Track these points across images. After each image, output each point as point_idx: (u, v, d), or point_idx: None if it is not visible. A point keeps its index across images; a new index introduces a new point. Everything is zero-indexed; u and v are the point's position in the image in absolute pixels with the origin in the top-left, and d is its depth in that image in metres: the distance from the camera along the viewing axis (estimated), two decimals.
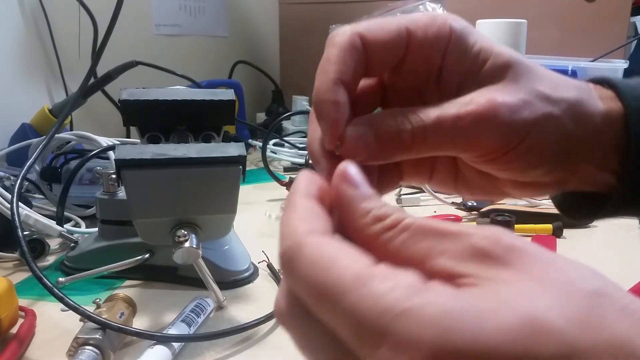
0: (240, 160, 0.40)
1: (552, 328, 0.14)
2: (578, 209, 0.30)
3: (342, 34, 0.25)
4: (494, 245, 0.16)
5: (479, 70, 0.24)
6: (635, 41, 1.22)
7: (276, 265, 0.54)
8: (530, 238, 0.61)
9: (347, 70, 0.24)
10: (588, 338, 0.14)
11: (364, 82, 0.26)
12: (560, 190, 0.28)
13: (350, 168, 0.20)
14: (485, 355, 0.14)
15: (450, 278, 0.16)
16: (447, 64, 0.24)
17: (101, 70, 0.76)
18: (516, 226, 0.61)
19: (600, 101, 0.26)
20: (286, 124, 1.17)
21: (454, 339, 0.14)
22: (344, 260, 0.16)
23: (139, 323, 0.44)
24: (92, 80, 0.75)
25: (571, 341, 0.14)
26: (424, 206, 0.75)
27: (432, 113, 0.23)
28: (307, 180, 0.20)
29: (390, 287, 0.15)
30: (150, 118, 0.44)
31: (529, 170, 0.25)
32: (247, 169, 0.41)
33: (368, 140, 0.23)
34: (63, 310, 0.43)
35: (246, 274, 0.52)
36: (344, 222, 0.19)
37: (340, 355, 0.17)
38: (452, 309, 0.14)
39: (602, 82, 0.28)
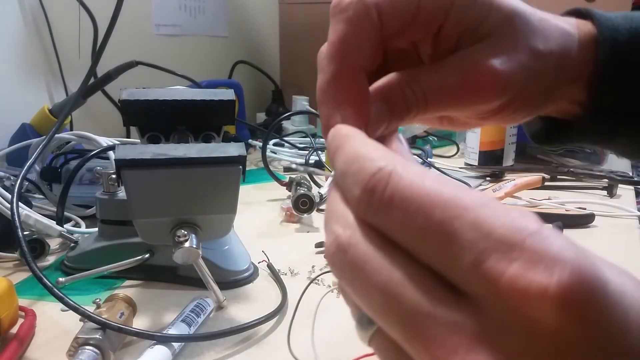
0: (240, 160, 0.40)
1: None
2: (545, 134, 0.32)
3: (354, 4, 0.23)
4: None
5: (479, 25, 0.25)
6: None
7: (276, 266, 0.54)
8: None
9: (368, 53, 0.23)
10: None
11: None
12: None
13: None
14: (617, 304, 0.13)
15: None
16: (450, 20, 0.24)
17: (101, 70, 0.76)
18: None
19: (580, 39, 0.27)
20: (286, 124, 1.17)
21: (596, 268, 0.13)
22: (457, 187, 0.15)
23: (139, 323, 0.44)
24: (92, 80, 0.75)
25: None
26: None
27: (433, 81, 0.24)
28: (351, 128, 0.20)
29: (520, 214, 0.14)
30: (150, 118, 0.44)
31: (510, 117, 0.27)
32: (247, 169, 0.41)
33: (384, 115, 0.23)
34: (63, 310, 0.43)
35: (246, 274, 0.52)
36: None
37: (434, 299, 0.15)
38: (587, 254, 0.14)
39: (584, 14, 0.29)
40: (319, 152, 0.93)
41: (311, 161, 0.88)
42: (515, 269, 0.13)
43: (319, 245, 0.59)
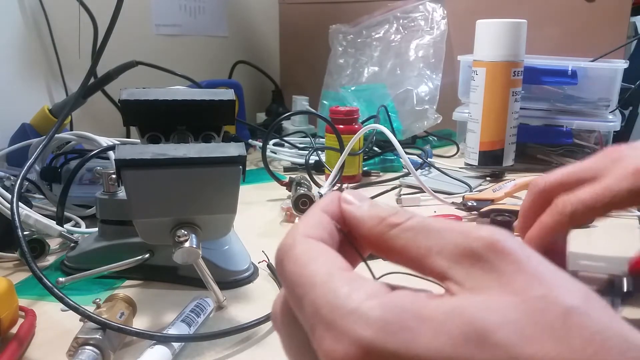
0: (240, 160, 0.40)
1: (497, 342, 0.14)
2: None
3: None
4: (487, 250, 0.17)
5: None
6: (635, 41, 1.22)
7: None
8: None
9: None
10: (538, 352, 0.14)
11: None
12: None
13: (350, 192, 0.22)
14: (415, 358, 0.15)
15: (443, 279, 0.17)
16: None
17: (101, 70, 0.76)
18: None
19: None
20: (286, 124, 1.17)
21: (387, 340, 0.15)
22: (323, 259, 0.18)
23: (139, 323, 0.44)
24: (92, 80, 0.75)
25: (514, 353, 0.14)
26: (424, 206, 0.75)
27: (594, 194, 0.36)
28: (330, 199, 0.22)
29: (351, 289, 0.17)
30: (150, 118, 0.44)
31: None
32: (247, 169, 0.41)
33: None
34: (63, 310, 0.43)
35: (246, 274, 0.52)
36: (355, 236, 0.21)
37: (304, 341, 0.19)
38: (398, 316, 0.16)
39: None
40: (319, 152, 0.93)
41: (311, 161, 0.88)
42: (326, 341, 0.16)
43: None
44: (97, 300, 0.41)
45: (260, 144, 0.84)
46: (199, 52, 1.28)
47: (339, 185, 0.81)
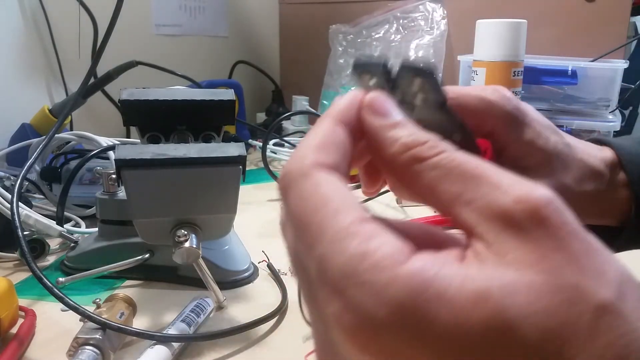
0: (240, 160, 0.40)
1: (519, 339, 0.13)
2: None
3: None
4: (526, 216, 0.15)
5: (520, 159, 0.28)
6: (635, 41, 1.22)
7: (276, 266, 0.54)
8: None
9: None
10: (560, 349, 0.13)
11: None
12: None
13: (377, 97, 0.19)
14: (432, 345, 0.14)
15: (470, 233, 0.16)
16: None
17: (101, 70, 0.76)
18: None
19: (606, 171, 0.30)
20: (286, 124, 1.17)
21: (401, 323, 0.14)
22: (335, 206, 0.16)
23: (139, 323, 0.44)
24: (92, 80, 0.75)
25: (535, 350, 0.13)
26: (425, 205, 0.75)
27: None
28: (349, 103, 0.19)
29: (365, 251, 0.15)
30: (150, 118, 0.44)
31: None
32: (247, 169, 0.41)
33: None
34: (63, 310, 0.43)
35: (246, 274, 0.52)
36: (376, 156, 0.18)
37: (312, 301, 0.17)
38: (417, 293, 0.14)
39: (604, 143, 0.32)
40: None
41: None
42: (334, 306, 0.15)
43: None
44: (97, 300, 0.41)
45: (260, 144, 0.84)
46: (199, 52, 1.28)
47: None
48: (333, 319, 0.15)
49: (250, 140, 1.06)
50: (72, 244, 0.56)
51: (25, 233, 0.44)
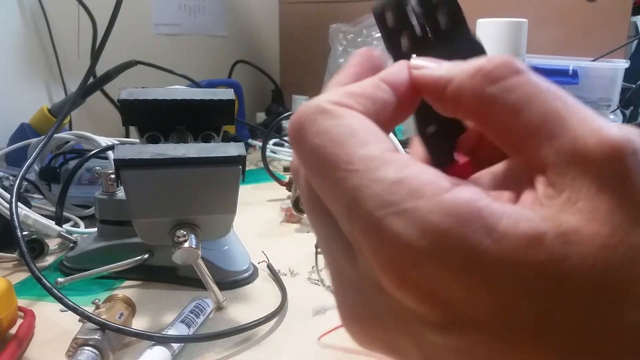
0: (240, 160, 0.40)
1: (574, 287, 0.12)
2: None
3: None
4: (610, 163, 0.13)
5: None
6: (636, 41, 1.22)
7: (276, 266, 0.54)
8: None
9: None
10: (607, 308, 0.12)
11: None
12: None
13: (416, 59, 0.17)
14: (476, 282, 0.13)
15: (539, 172, 0.14)
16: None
17: (100, 69, 0.75)
18: None
19: None
20: (286, 124, 1.16)
21: (447, 254, 0.13)
22: (363, 137, 0.14)
23: (138, 323, 0.43)
24: (91, 79, 0.75)
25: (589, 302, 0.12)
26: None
27: None
28: (397, 69, 0.17)
29: (404, 177, 0.13)
30: (150, 118, 0.44)
31: None
32: (247, 169, 0.41)
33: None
34: (62, 311, 0.43)
35: (246, 275, 0.52)
36: (440, 104, 0.16)
37: (337, 243, 0.16)
38: (463, 224, 0.13)
39: None
40: None
41: None
42: (370, 238, 0.14)
43: (319, 245, 0.59)
44: (97, 300, 0.41)
45: (260, 143, 0.84)
46: (199, 51, 1.28)
47: None
48: (370, 254, 0.14)
49: (250, 140, 1.06)
50: (71, 244, 0.56)
51: (24, 233, 0.44)
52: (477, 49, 0.20)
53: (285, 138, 1.05)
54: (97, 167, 0.63)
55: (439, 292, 0.13)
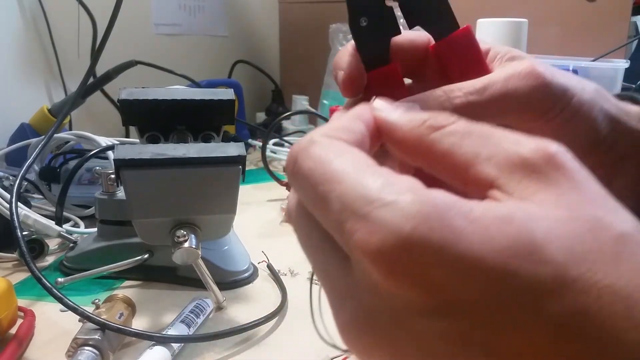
0: (240, 160, 0.40)
1: (545, 258, 0.14)
2: None
3: None
4: (544, 161, 0.16)
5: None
6: (636, 41, 1.22)
7: (276, 266, 0.54)
8: None
9: None
10: (586, 273, 0.14)
11: None
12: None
13: (377, 101, 0.20)
14: (457, 259, 0.14)
15: (489, 187, 0.16)
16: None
17: (100, 69, 0.75)
18: None
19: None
20: (286, 124, 1.17)
21: (430, 235, 0.14)
22: (349, 156, 0.17)
23: (138, 323, 0.43)
24: (91, 80, 0.75)
25: (561, 271, 0.14)
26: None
27: (478, 83, 0.24)
28: (362, 108, 0.20)
29: (384, 183, 0.15)
30: (150, 118, 0.44)
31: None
32: (246, 169, 0.41)
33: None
34: (62, 311, 0.43)
35: (246, 275, 0.52)
36: (391, 146, 0.19)
37: (332, 259, 0.18)
38: (441, 211, 0.14)
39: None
40: None
41: None
42: (359, 233, 0.15)
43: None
44: (96, 300, 0.41)
45: (260, 143, 0.84)
46: (199, 51, 1.28)
47: None
48: (359, 249, 0.15)
49: (250, 140, 1.06)
50: (71, 244, 0.56)
51: (24, 233, 0.44)
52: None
53: (286, 138, 1.05)
54: (97, 167, 0.63)
55: (425, 276, 0.14)
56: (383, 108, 0.19)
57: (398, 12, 0.24)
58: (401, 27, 0.24)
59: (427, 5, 0.24)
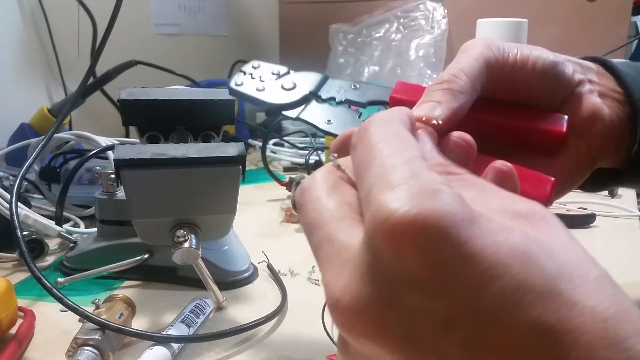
0: (240, 160, 0.40)
1: (539, 263, 0.15)
2: (593, 183, 0.35)
3: None
4: (530, 212, 0.17)
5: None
6: (636, 41, 1.22)
7: (276, 266, 0.54)
8: None
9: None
10: (573, 289, 0.15)
11: None
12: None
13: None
14: (466, 250, 0.15)
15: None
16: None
17: (100, 69, 0.75)
18: None
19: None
20: (286, 124, 1.17)
21: (452, 221, 0.15)
22: (411, 140, 0.19)
23: (138, 324, 0.43)
24: (91, 79, 0.75)
25: (551, 280, 0.15)
26: None
27: None
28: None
29: (430, 171, 0.17)
30: (150, 118, 0.44)
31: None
32: (247, 169, 0.41)
33: None
34: (62, 311, 0.43)
35: (246, 275, 0.52)
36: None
37: (343, 222, 0.18)
38: (470, 211, 0.16)
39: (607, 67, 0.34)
40: (319, 152, 0.93)
41: (311, 161, 0.88)
42: (381, 199, 0.16)
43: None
44: (96, 300, 0.41)
45: (260, 143, 0.84)
46: (199, 51, 1.28)
47: None
48: (383, 203, 0.16)
49: (250, 140, 1.06)
50: (71, 244, 0.56)
51: (24, 233, 0.44)
52: None
53: (285, 138, 1.05)
54: (97, 167, 0.63)
55: (432, 253, 0.15)
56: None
57: None
58: None
59: None
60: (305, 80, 0.35)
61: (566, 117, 0.30)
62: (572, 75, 0.31)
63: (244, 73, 0.36)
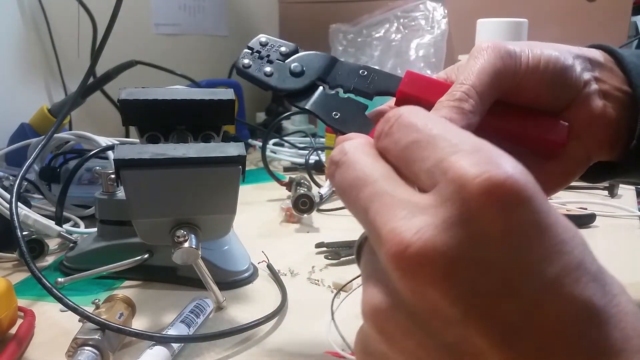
0: (240, 160, 0.40)
1: (593, 254, 0.18)
2: (591, 175, 0.36)
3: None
4: None
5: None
6: (636, 41, 1.22)
7: (276, 266, 0.54)
8: None
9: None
10: (599, 273, 0.17)
11: None
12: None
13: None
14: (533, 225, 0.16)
15: None
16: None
17: (100, 69, 0.75)
18: None
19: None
20: (286, 124, 1.17)
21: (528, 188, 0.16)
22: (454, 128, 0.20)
23: (138, 324, 0.43)
24: (91, 79, 0.75)
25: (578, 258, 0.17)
26: None
27: None
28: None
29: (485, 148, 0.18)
30: (150, 118, 0.44)
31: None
32: (247, 169, 0.41)
33: None
34: (62, 311, 0.43)
35: (246, 275, 0.52)
36: None
37: (399, 188, 0.19)
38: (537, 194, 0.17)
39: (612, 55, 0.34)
40: (319, 151, 0.93)
41: (311, 161, 0.88)
42: (461, 164, 0.17)
43: (319, 245, 0.59)
44: (96, 300, 0.41)
45: (260, 143, 0.84)
46: (199, 51, 1.28)
47: None
48: (458, 167, 0.17)
49: (250, 140, 1.06)
50: (71, 244, 0.56)
51: (24, 233, 0.44)
52: None
53: (285, 138, 1.05)
54: (97, 167, 0.63)
55: (510, 214, 0.16)
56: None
57: None
58: None
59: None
60: (314, 63, 0.35)
61: (567, 125, 0.30)
62: (579, 78, 0.31)
63: (252, 51, 0.35)
